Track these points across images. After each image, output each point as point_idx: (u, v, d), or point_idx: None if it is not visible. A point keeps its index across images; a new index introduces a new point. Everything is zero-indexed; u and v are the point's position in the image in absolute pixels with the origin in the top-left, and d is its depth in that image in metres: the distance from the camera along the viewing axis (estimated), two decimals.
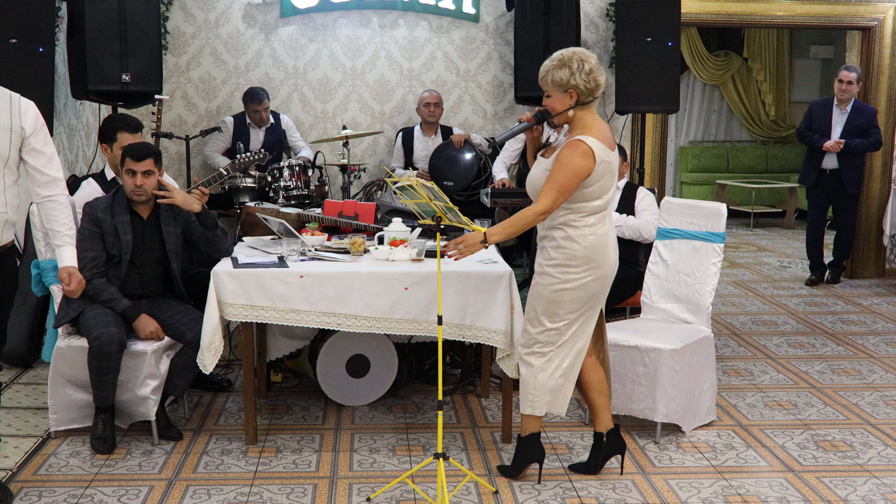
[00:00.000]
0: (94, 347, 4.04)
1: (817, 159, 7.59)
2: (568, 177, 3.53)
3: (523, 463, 3.93)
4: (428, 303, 4.12)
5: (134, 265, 4.35)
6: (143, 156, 4.22)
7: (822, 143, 7.46)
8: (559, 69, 3.58)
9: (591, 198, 3.62)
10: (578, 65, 3.57)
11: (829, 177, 7.57)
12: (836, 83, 7.49)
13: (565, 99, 3.61)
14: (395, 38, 7.43)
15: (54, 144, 3.54)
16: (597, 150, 3.56)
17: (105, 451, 4.12)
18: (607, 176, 3.62)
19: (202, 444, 4.28)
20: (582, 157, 3.53)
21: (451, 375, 5.27)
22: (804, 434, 4.45)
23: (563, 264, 3.66)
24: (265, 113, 6.76)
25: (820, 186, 7.66)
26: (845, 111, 7.49)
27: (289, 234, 4.59)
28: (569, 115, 3.65)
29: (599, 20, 7.53)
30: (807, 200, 7.90)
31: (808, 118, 7.66)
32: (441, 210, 3.75)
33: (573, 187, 3.56)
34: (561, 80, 3.58)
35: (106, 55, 5.72)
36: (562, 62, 3.58)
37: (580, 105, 3.63)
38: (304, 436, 4.39)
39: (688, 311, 4.63)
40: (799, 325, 6.59)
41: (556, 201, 3.57)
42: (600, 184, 3.61)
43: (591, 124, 3.63)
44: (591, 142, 3.56)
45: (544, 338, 3.74)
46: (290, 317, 4.14)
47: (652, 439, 4.35)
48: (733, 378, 5.32)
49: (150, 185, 4.26)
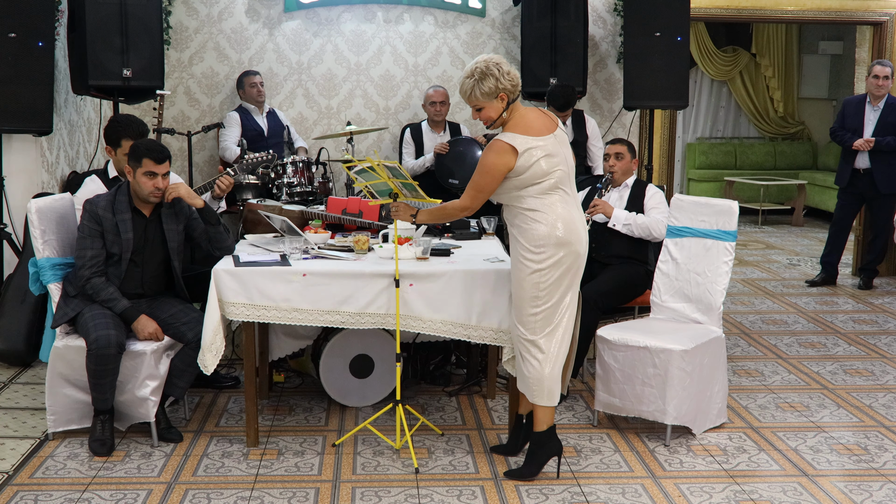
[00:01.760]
0: (92, 350, 3.96)
1: (850, 159, 7.36)
2: (483, 176, 3.69)
3: (545, 458, 3.87)
4: (433, 301, 4.04)
5: (134, 264, 4.26)
6: (163, 158, 4.17)
7: (853, 141, 7.30)
8: (483, 81, 3.65)
9: (531, 182, 3.67)
10: (497, 70, 3.66)
11: (863, 177, 7.35)
12: (871, 79, 7.23)
13: (498, 104, 3.70)
14: (401, 32, 7.34)
15: (55, 140, 3.47)
16: (517, 143, 3.64)
17: (104, 453, 4.04)
18: (542, 158, 3.67)
19: (202, 446, 4.20)
20: (497, 155, 3.65)
21: (456, 375, 5.18)
22: (817, 437, 4.36)
23: (534, 248, 3.70)
24: (262, 86, 6.88)
25: (853, 187, 7.42)
26: (878, 108, 7.25)
27: (292, 231, 4.50)
28: (504, 117, 3.73)
29: (607, 15, 7.43)
30: (837, 200, 7.66)
31: (841, 116, 7.45)
32: (398, 187, 3.93)
33: (492, 184, 3.69)
34: (490, 89, 3.66)
35: (107, 50, 5.64)
36: (483, 73, 3.65)
37: (510, 104, 3.71)
38: (306, 437, 4.31)
39: (698, 310, 4.54)
40: (809, 324, 6.49)
41: (474, 200, 3.75)
42: (532, 170, 3.66)
43: (519, 119, 3.72)
44: (508, 137, 3.65)
45: (540, 325, 3.75)
46: (293, 316, 4.05)
47: (662, 442, 4.26)
48: (744, 379, 5.22)
49: (166, 184, 4.20)
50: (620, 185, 5.30)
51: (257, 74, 6.89)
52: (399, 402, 4.12)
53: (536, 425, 3.87)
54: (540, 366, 3.76)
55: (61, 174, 5.96)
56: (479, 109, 3.73)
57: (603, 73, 7.50)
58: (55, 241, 4.28)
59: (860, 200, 7.51)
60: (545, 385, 3.78)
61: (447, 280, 4.04)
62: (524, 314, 3.76)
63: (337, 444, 4.20)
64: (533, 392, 3.81)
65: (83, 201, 4.25)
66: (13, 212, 5.59)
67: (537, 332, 3.76)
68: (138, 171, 4.14)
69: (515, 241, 3.77)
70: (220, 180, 4.68)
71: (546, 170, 3.67)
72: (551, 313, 3.74)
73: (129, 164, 4.17)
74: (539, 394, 3.80)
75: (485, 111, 3.72)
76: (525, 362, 3.80)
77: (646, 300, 5.09)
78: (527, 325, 3.76)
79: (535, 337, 3.76)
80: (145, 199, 4.20)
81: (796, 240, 10.33)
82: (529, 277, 3.71)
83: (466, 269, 4.06)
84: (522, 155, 3.63)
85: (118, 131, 4.54)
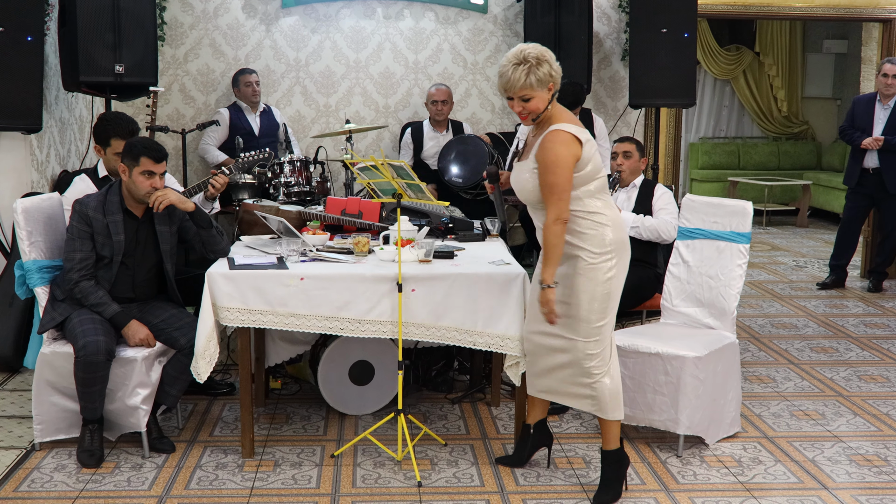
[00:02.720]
0: (80, 358, 3.79)
1: (859, 158, 7.22)
2: (556, 172, 3.40)
3: (624, 473, 3.67)
4: (436, 306, 3.87)
5: (125, 267, 4.09)
6: (161, 157, 4.00)
7: (862, 140, 7.14)
8: (540, 67, 3.41)
9: (592, 178, 3.48)
10: (550, 57, 3.47)
11: (872, 176, 7.20)
12: (881, 78, 7.09)
13: (545, 95, 3.47)
14: (401, 29, 7.17)
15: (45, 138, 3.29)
16: (576, 132, 3.44)
17: (92, 464, 3.87)
18: (595, 152, 3.51)
19: (196, 456, 4.02)
20: (565, 146, 3.41)
21: (459, 382, 5.02)
22: (835, 447, 4.19)
23: (605, 252, 3.47)
24: (257, 86, 6.70)
25: (862, 187, 7.27)
26: (888, 106, 7.11)
27: (289, 233, 4.33)
28: (549, 110, 3.50)
29: (612, 11, 7.26)
30: (845, 201, 7.52)
31: (851, 115, 7.31)
32: (401, 187, 3.76)
33: (568, 178, 3.41)
34: (544, 76, 3.42)
35: (98, 45, 5.46)
36: (538, 59, 3.42)
37: (553, 98, 3.51)
38: (304, 448, 4.14)
39: (711, 315, 4.38)
40: (820, 328, 6.32)
41: (560, 202, 3.40)
42: (593, 163, 3.48)
43: (561, 112, 3.53)
44: (567, 128, 3.44)
45: (606, 334, 3.53)
46: (290, 321, 3.88)
47: (674, 453, 4.09)
48: (756, 385, 5.06)
49: (163, 184, 4.03)
50: (628, 184, 5.14)
51: (253, 73, 6.71)
52: (401, 412, 3.95)
53: (610, 443, 3.61)
54: (611, 379, 3.55)
55: (52, 173, 5.78)
56: (527, 100, 3.43)
57: (607, 70, 7.34)
58: (42, 242, 4.11)
59: (869, 201, 7.35)
60: (620, 397, 3.59)
61: (451, 284, 3.87)
62: (591, 327, 3.49)
63: (336, 454, 4.03)
64: (608, 408, 3.55)
65: (72, 201, 4.07)
66: (1, 212, 5.41)
67: (604, 343, 3.52)
68: (135, 171, 3.97)
69: (579, 249, 3.46)
70: (215, 180, 4.51)
71: (599, 165, 3.51)
72: (612, 320, 3.55)
73: (125, 163, 4.00)
74: (616, 408, 3.57)
75: (533, 102, 3.43)
76: (593, 380, 3.53)
77: (654, 304, 4.94)
78: (593, 337, 3.50)
79: (601, 349, 3.52)
80: (140, 199, 4.02)
81: (802, 241, 10.17)
82: (604, 286, 3.47)
83: (471, 273, 3.89)
84: (585, 145, 3.44)
85: (107, 130, 4.37)
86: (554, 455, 4.04)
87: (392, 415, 4.06)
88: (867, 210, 7.45)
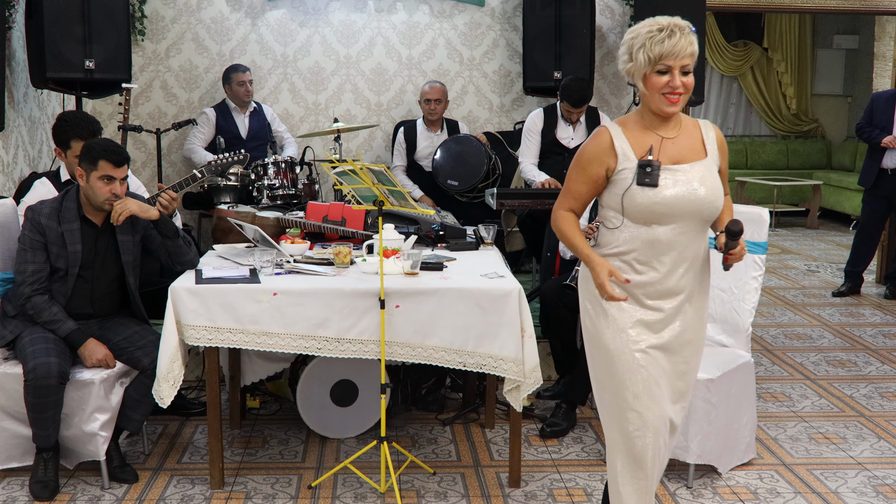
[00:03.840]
0: (29, 381, 3.44)
1: (878, 157, 6.85)
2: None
3: None
4: (422, 324, 3.51)
5: (83, 279, 3.74)
6: (122, 160, 3.64)
7: (881, 139, 6.79)
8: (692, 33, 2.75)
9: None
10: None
11: (890, 177, 6.83)
12: None
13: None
14: (393, 23, 6.81)
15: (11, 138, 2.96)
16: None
17: (45, 497, 3.52)
18: None
19: (160, 487, 3.67)
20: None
21: (451, 400, 4.67)
22: (859, 476, 3.84)
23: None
24: (251, 85, 6.30)
25: (879, 188, 6.90)
26: None
27: (265, 242, 3.98)
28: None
29: (615, 4, 6.91)
30: (862, 204, 7.15)
31: (869, 112, 6.95)
32: (383, 194, 3.45)
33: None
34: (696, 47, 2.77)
35: (67, 39, 5.14)
36: (683, 27, 2.74)
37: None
38: (279, 476, 3.79)
39: (724, 332, 4.03)
40: (836, 339, 5.96)
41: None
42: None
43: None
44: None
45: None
46: (262, 340, 3.52)
47: (683, 483, 3.74)
48: (770, 404, 4.71)
49: (124, 191, 3.68)
50: None
51: (247, 71, 6.32)
52: (384, 440, 3.60)
53: None
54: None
55: (20, 175, 5.44)
56: (687, 74, 2.73)
57: (611, 66, 6.98)
58: None
59: (887, 204, 6.97)
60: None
61: (439, 299, 3.51)
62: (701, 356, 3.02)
63: (313, 485, 3.68)
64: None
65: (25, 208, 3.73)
66: None
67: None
68: (93, 175, 3.62)
69: (705, 273, 3.02)
70: (162, 197, 4.04)
71: None
72: None
73: (82, 167, 3.64)
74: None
75: (691, 77, 2.74)
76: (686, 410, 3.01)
77: None
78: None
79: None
80: (99, 206, 3.67)
81: (812, 244, 9.80)
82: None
83: (461, 287, 3.53)
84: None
85: (67, 131, 4.01)
86: (553, 486, 3.69)
87: (374, 443, 3.71)
88: (886, 213, 7.07)
